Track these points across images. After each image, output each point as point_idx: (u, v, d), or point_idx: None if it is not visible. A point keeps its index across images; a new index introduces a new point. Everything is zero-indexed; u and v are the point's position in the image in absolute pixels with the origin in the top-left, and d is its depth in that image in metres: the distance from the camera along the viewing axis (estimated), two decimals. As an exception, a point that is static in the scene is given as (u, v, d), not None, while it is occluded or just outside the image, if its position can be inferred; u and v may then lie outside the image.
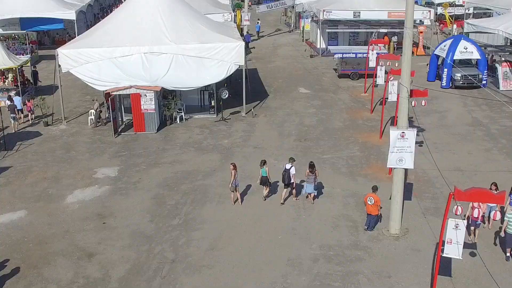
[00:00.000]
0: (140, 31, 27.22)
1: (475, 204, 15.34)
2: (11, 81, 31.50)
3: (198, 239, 16.53)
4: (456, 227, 12.13)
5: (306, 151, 23.14)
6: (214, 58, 26.96)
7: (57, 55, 26.71)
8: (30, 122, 27.34)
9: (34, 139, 25.32)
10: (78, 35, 36.01)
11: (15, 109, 26.31)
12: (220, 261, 15.39)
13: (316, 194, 18.75)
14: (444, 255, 12.58)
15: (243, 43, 27.68)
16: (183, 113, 27.30)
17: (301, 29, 50.52)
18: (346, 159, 22.36)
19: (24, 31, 41.14)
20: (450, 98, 30.72)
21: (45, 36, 48.72)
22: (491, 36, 39.64)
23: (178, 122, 27.07)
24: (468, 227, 15.59)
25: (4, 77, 31.56)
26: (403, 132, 15.87)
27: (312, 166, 18.22)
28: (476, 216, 15.13)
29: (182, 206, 18.62)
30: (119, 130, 25.98)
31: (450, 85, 32.54)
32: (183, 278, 14.66)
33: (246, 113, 28.17)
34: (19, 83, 30.57)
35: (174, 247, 16.13)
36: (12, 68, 30.64)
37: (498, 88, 32.19)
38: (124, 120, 27.13)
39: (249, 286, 14.21)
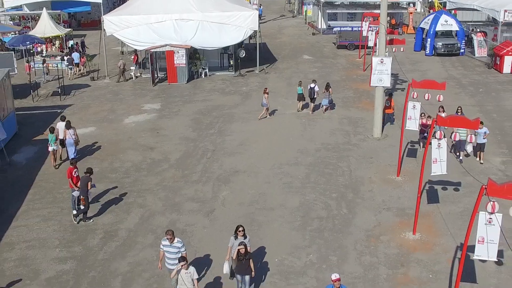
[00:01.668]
0: (171, 2, 33.44)
1: (424, 120, 21.45)
2: (57, 47, 37.77)
3: (230, 140, 22.75)
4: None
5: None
6: (233, 24, 33.14)
7: (103, 21, 32.94)
8: (83, 73, 33.70)
9: (85, 88, 31.50)
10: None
11: (73, 62, 32.61)
12: (248, 151, 21.60)
13: (329, 106, 26.04)
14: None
15: (257, 12, 34.00)
16: (207, 70, 33.51)
17: (304, 14, 56.83)
18: (342, 98, 28.56)
19: (59, 11, 47.28)
20: (432, 62, 37.00)
21: (72, 19, 54.95)
22: (476, 13, 45.63)
23: (203, 77, 33.28)
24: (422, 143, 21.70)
25: (52, 43, 37.81)
26: (381, 59, 22.05)
27: (327, 86, 25.48)
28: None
29: (215, 123, 24.85)
30: (156, 82, 32.18)
31: (433, 53, 38.73)
32: (222, 158, 20.85)
33: (259, 71, 34.41)
34: (65, 49, 36.81)
35: (213, 143, 22.35)
36: (59, 36, 36.94)
37: (474, 55, 38.39)
38: (157, 76, 33.27)
39: (271, 162, 20.36)
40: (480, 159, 20.59)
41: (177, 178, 19.26)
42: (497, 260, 11.09)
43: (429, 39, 38.61)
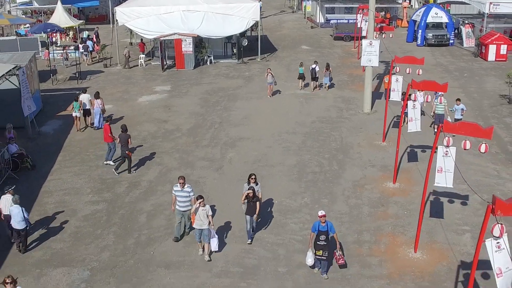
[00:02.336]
0: (178, -6, 36.41)
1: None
2: (71, 37, 40.63)
3: (235, 114, 25.60)
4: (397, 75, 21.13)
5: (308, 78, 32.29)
6: (236, 15, 36.00)
7: (115, 12, 35.80)
8: (97, 59, 36.64)
9: (99, 74, 34.34)
10: (111, 11, 45.48)
11: (88, 49, 35.52)
12: (251, 123, 24.44)
13: (329, 84, 29.48)
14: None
15: (258, 4, 36.84)
16: (212, 57, 36.36)
17: (303, 9, 59.72)
18: (337, 82, 31.37)
19: (69, 5, 50.14)
20: (423, 52, 39.61)
21: (81, 14, 57.84)
22: (469, 7, 48.33)
23: (208, 64, 36.13)
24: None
25: (66, 34, 40.67)
26: (370, 41, 24.86)
27: (327, 66, 28.96)
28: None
29: (221, 101, 27.70)
30: (165, 68, 35.03)
31: (424, 43, 41.56)
32: (228, 129, 23.69)
33: (260, 59, 37.27)
34: (78, 40, 39.66)
35: (220, 117, 25.19)
36: (73, 27, 39.80)
37: (462, 45, 41.24)
38: (166, 63, 36.12)
39: (271, 132, 23.18)
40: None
41: (189, 143, 22.10)
42: (452, 187, 13.82)
43: (420, 31, 41.42)
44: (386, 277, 13.39)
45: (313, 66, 29.03)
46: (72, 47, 38.44)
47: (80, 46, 36.39)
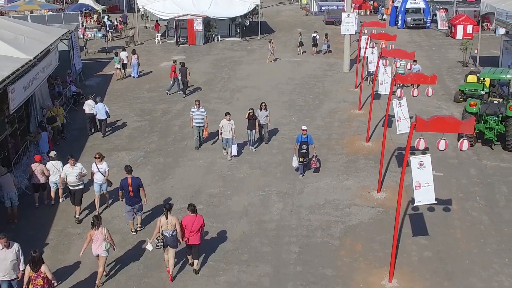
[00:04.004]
0: (190, -18, 43.61)
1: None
2: (95, 20, 47.84)
3: (240, 73, 32.81)
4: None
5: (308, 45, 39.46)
6: (240, -1, 43.35)
7: (136, -4, 43.14)
8: (120, 36, 43.92)
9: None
10: (125, 3, 53.05)
11: (113, 27, 42.82)
12: (253, 78, 31.60)
13: (327, 50, 37.19)
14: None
15: (259, -10, 44.12)
16: (219, 36, 43.55)
17: (299, 0, 67.04)
18: (324, 52, 38.56)
19: (88, -6, 57.39)
20: (402, 33, 46.94)
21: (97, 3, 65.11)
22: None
23: (216, 41, 43.33)
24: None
25: (90, 17, 47.90)
26: (348, 14, 31.98)
27: (326, 35, 36.29)
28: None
29: (228, 65, 34.92)
30: (178, 44, 42.21)
31: (404, 26, 48.75)
32: (235, 81, 30.86)
33: (260, 38, 44.46)
34: (101, 22, 46.86)
35: (228, 75, 32.38)
36: (97, 11, 47.02)
37: (438, 28, 48.43)
38: (179, 40, 43.28)
39: (269, 83, 30.30)
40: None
41: (205, 90, 29.25)
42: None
43: (400, 15, 48.64)
44: (345, 154, 20.48)
45: (314, 35, 36.71)
46: (95, 29, 45.65)
47: (107, 24, 43.66)
